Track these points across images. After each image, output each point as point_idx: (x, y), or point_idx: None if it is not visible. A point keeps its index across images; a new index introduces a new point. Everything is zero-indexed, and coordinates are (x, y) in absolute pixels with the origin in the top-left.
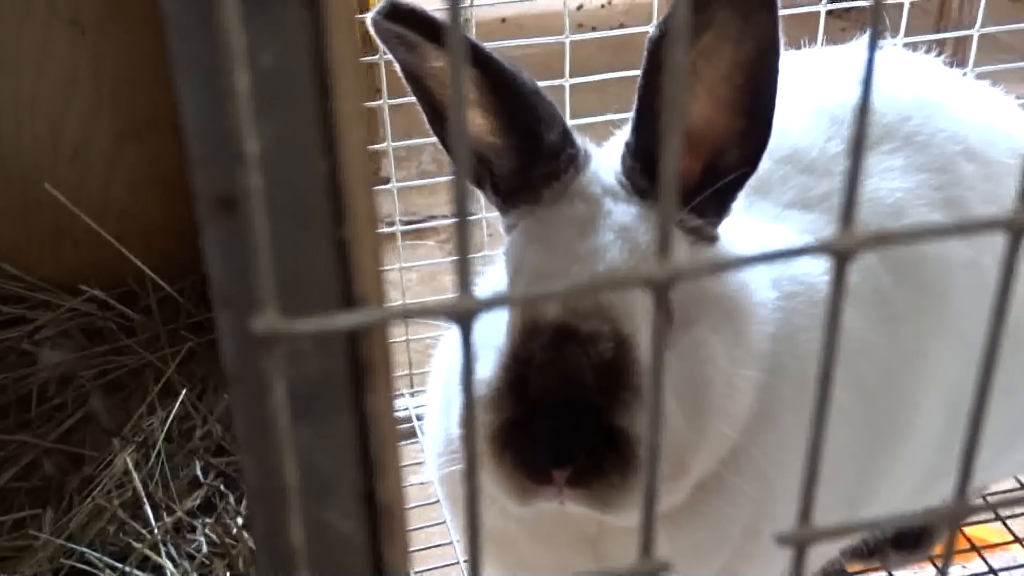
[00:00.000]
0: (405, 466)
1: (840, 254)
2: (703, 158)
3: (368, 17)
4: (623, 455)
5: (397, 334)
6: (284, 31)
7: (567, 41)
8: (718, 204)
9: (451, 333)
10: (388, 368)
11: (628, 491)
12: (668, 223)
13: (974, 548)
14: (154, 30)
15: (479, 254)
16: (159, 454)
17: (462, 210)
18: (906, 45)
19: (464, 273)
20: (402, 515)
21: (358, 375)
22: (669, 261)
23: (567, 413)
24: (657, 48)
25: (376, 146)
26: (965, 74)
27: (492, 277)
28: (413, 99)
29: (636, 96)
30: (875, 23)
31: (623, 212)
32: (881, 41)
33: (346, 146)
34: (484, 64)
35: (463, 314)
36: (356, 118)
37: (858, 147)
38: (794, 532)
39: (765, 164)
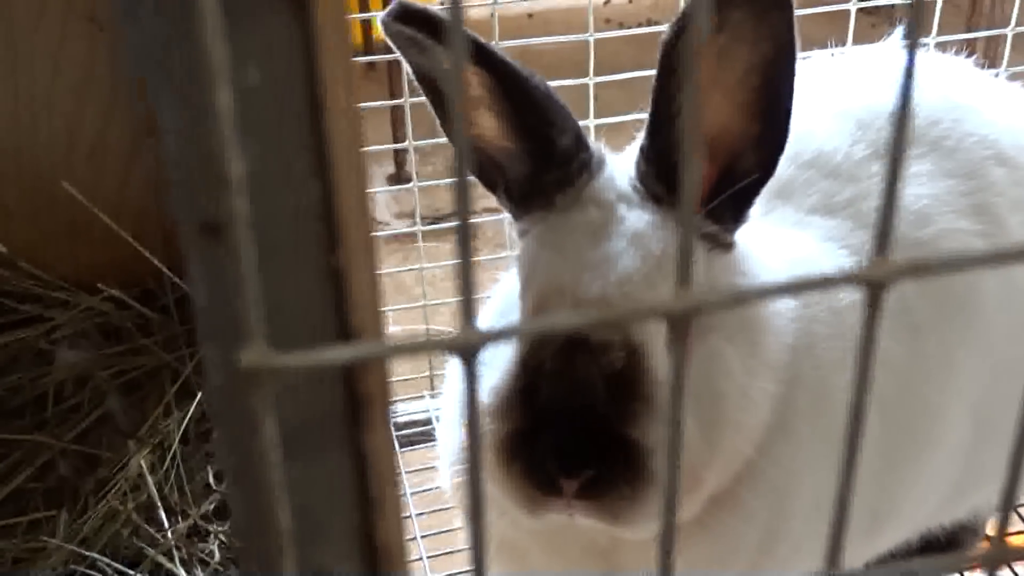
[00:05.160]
0: (424, 469)
1: (874, 284)
2: (719, 163)
3: (377, 17)
4: (634, 467)
5: (418, 334)
6: (271, 44)
7: (591, 40)
8: (735, 210)
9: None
10: (386, 403)
11: (639, 504)
12: (688, 253)
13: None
14: None
15: (502, 254)
16: (175, 456)
17: (465, 245)
18: (937, 45)
19: (467, 306)
20: (402, 555)
21: (354, 411)
22: (689, 292)
23: (577, 423)
24: (670, 51)
25: (398, 145)
26: (997, 75)
27: (507, 282)
28: None
29: (651, 100)
30: (912, 47)
31: (637, 219)
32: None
33: (340, 168)
34: (496, 67)
35: (466, 349)
36: (351, 138)
37: (893, 178)
38: None
39: (788, 168)
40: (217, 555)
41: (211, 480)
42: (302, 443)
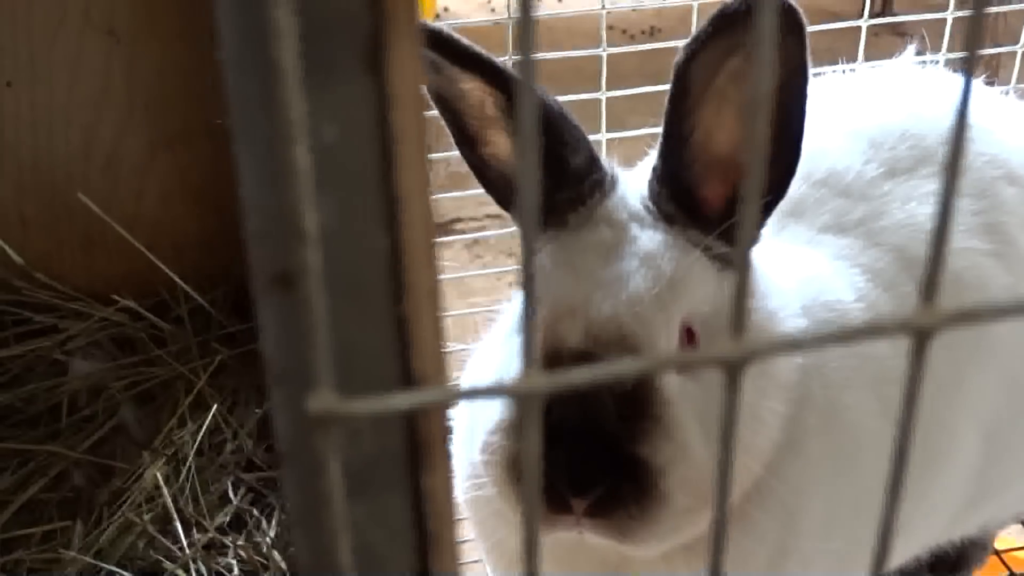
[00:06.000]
0: None
1: (922, 332)
2: (731, 183)
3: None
4: (642, 486)
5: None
6: (348, 104)
7: (604, 54)
8: None
9: (481, 349)
10: (446, 444)
11: (647, 522)
12: (743, 300)
13: (1012, 575)
14: (188, 41)
15: (508, 264)
16: (189, 468)
17: (530, 294)
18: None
19: (529, 352)
20: None
21: (415, 453)
22: (744, 339)
23: (587, 442)
24: (683, 73)
25: None
26: (1007, 92)
27: (519, 299)
28: None
29: (663, 121)
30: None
31: (649, 238)
32: (922, 58)
33: (409, 221)
34: (510, 86)
35: (528, 395)
36: (419, 191)
37: (943, 225)
38: None
39: (800, 187)
40: (236, 569)
41: (229, 491)
42: (364, 484)
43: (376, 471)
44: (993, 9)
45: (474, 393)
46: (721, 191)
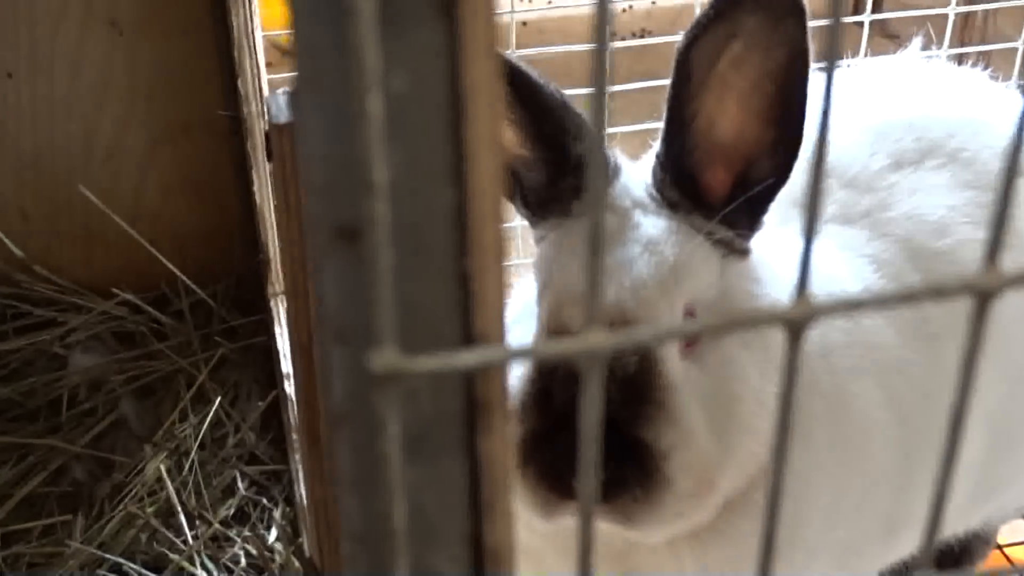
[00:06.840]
0: None
1: (983, 294)
2: (734, 169)
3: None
4: (646, 470)
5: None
6: (419, 52)
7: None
8: (750, 216)
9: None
10: (505, 407)
11: (651, 506)
12: (807, 260)
13: (1017, 571)
14: (191, 33)
15: (513, 263)
16: (192, 462)
17: (598, 247)
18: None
19: (594, 304)
20: (510, 560)
21: (473, 415)
22: (807, 300)
23: None
24: (685, 59)
25: None
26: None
27: (523, 288)
28: None
29: (665, 107)
30: None
31: (652, 225)
32: (924, 53)
33: (477, 175)
34: (512, 77)
35: (591, 354)
36: (489, 144)
37: (1006, 188)
38: None
39: (806, 177)
40: (243, 561)
41: (238, 482)
42: (420, 446)
43: (432, 432)
44: (983, 7)
45: (542, 352)
46: (724, 177)
